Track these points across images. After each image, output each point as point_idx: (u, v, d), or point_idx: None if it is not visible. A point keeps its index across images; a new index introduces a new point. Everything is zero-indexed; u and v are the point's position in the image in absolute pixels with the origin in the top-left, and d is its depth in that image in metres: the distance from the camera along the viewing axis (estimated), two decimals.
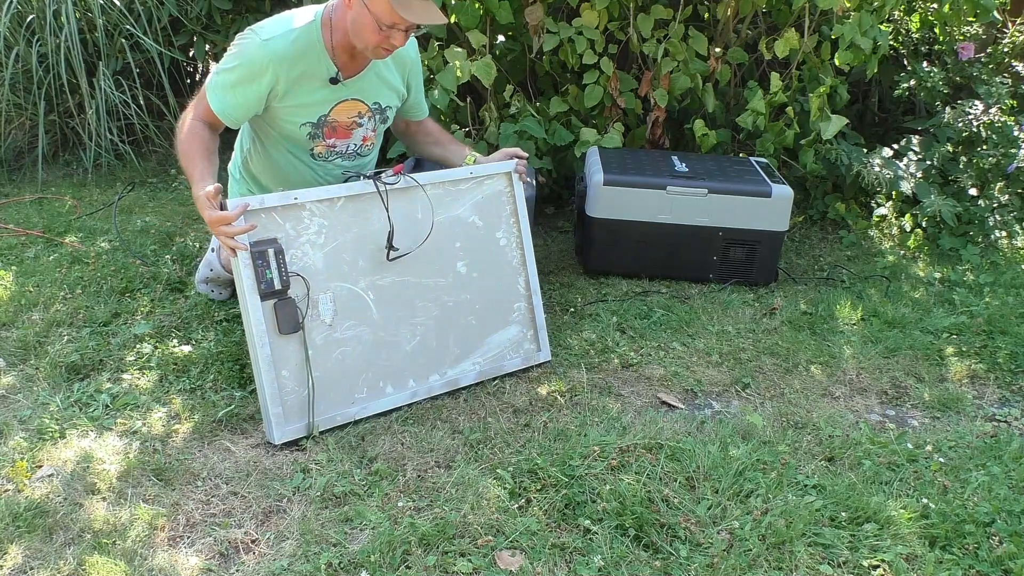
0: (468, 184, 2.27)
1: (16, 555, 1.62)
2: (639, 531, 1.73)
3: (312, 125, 2.24)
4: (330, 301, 2.05)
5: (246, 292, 1.93)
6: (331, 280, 2.06)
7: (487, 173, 2.31)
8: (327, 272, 2.05)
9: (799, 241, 3.44)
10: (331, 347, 2.06)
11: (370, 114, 2.31)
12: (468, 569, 1.63)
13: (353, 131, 2.31)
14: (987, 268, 3.12)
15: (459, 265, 2.26)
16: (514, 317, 2.37)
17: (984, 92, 3.51)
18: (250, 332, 1.95)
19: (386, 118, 2.38)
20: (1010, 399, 2.33)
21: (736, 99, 3.61)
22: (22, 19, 3.75)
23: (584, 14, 3.14)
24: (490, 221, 2.32)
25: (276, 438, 1.97)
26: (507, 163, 2.34)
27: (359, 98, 2.27)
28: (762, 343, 2.55)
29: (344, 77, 2.20)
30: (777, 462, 1.96)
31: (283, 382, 1.99)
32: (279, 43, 2.10)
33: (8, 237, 3.07)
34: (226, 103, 2.14)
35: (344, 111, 2.26)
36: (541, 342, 2.40)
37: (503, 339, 2.34)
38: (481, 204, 2.30)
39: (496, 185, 2.32)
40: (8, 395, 2.14)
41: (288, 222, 2.00)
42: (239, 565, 1.64)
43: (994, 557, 1.69)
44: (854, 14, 3.11)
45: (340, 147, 2.32)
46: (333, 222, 2.06)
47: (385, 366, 2.15)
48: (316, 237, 2.03)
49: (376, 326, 2.13)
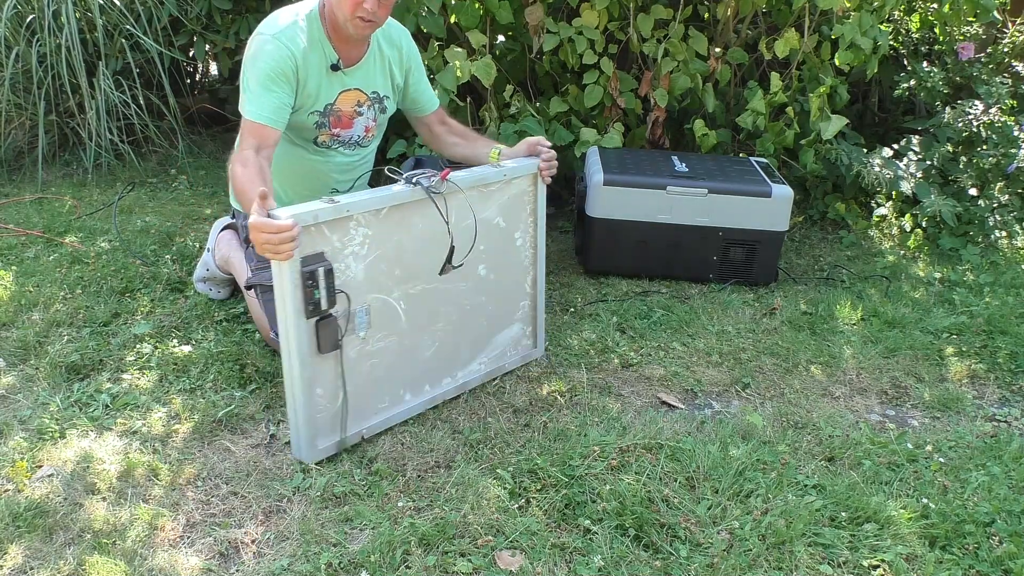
0: (498, 185, 2.18)
1: (16, 555, 1.62)
2: (639, 531, 1.73)
3: (319, 114, 2.26)
4: (365, 314, 1.95)
5: (290, 314, 1.80)
6: (369, 292, 1.95)
7: (516, 175, 2.21)
8: (367, 284, 1.94)
9: (799, 241, 3.44)
10: (363, 360, 1.98)
11: (369, 103, 2.35)
12: (468, 569, 1.63)
13: (355, 120, 2.35)
14: (987, 268, 3.12)
15: (480, 268, 2.20)
16: (518, 315, 2.35)
17: (984, 92, 3.51)
18: (288, 352, 1.84)
19: (384, 108, 2.40)
20: (1010, 399, 2.33)
21: (736, 99, 3.61)
22: (22, 19, 3.75)
23: (584, 14, 3.14)
24: (512, 222, 2.25)
25: (309, 458, 1.91)
26: (532, 162, 2.25)
27: (359, 87, 2.31)
28: (762, 343, 2.55)
29: (344, 66, 2.24)
30: (777, 462, 1.96)
31: (316, 400, 1.90)
32: (288, 33, 2.13)
33: (8, 237, 3.07)
34: (265, 107, 2.09)
35: (347, 100, 2.30)
36: (538, 339, 2.40)
37: (507, 338, 2.33)
38: (506, 205, 2.22)
39: (521, 185, 2.24)
40: (8, 395, 2.14)
41: (335, 234, 1.85)
42: (239, 565, 1.64)
43: (994, 557, 1.69)
44: (854, 14, 3.11)
45: (344, 136, 2.35)
46: (377, 231, 1.93)
47: (407, 374, 2.09)
48: (359, 248, 1.91)
49: (403, 335, 2.06)
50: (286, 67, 2.12)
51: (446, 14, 3.24)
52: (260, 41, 2.13)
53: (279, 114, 2.12)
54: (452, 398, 2.21)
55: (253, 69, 2.12)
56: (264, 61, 2.11)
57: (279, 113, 2.12)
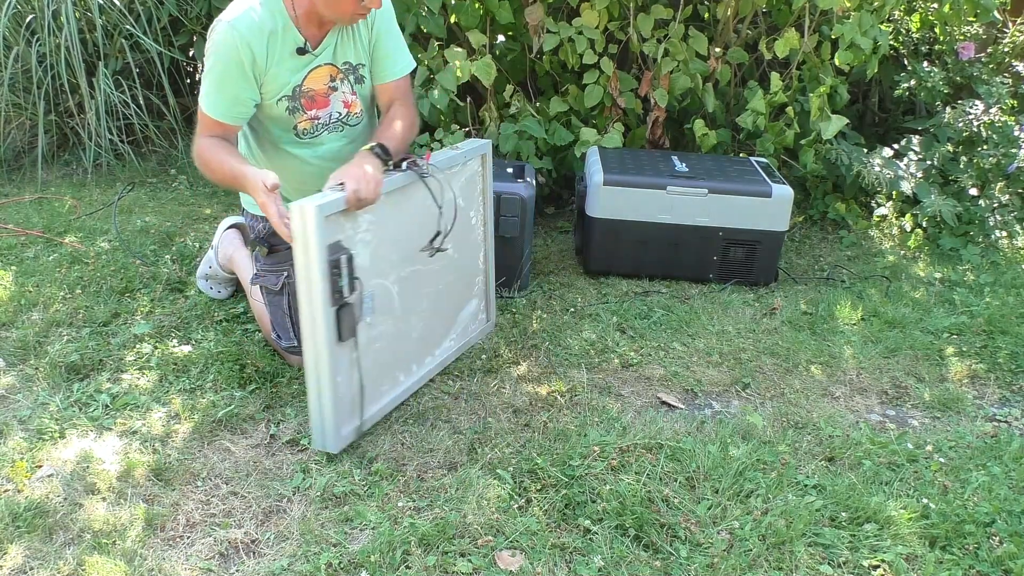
0: (458, 167, 2.27)
1: (16, 555, 1.62)
2: (639, 531, 1.73)
3: (288, 99, 2.14)
4: (370, 299, 1.99)
5: (318, 304, 1.82)
6: (373, 277, 1.99)
7: (470, 156, 2.30)
8: (373, 269, 1.98)
9: (799, 241, 3.44)
10: (370, 345, 2.02)
11: (341, 76, 2.20)
12: (468, 569, 1.63)
13: (330, 97, 2.21)
14: (987, 268, 3.12)
15: (449, 248, 2.27)
16: (475, 291, 2.45)
17: (984, 92, 3.51)
18: (315, 343, 1.85)
19: (360, 77, 2.24)
20: (1010, 399, 2.33)
21: (736, 99, 3.61)
22: (22, 19, 3.75)
23: (584, 14, 3.14)
24: (468, 201, 2.34)
25: (334, 447, 1.93)
26: (483, 143, 2.35)
27: (329, 61, 2.16)
28: (762, 343, 2.55)
29: (312, 47, 2.11)
30: (777, 462, 1.96)
31: (338, 388, 1.92)
32: (245, 20, 2.01)
33: (8, 237, 3.07)
34: (220, 104, 2.05)
35: (318, 79, 2.16)
36: (490, 312, 2.52)
37: (467, 313, 2.43)
38: (464, 186, 2.31)
39: (473, 165, 2.34)
40: (8, 395, 2.14)
41: (348, 221, 1.89)
42: (239, 565, 1.64)
43: (994, 557, 1.69)
44: (854, 14, 3.11)
45: (323, 117, 2.21)
46: (379, 216, 1.97)
47: (400, 356, 2.15)
48: (366, 234, 1.95)
49: (397, 318, 2.11)
50: (241, 59, 2.01)
51: (446, 14, 3.23)
52: (218, 32, 2.02)
53: (236, 109, 2.06)
54: (452, 398, 2.21)
55: (209, 60, 2.03)
56: (218, 54, 2.01)
57: (236, 108, 2.06)
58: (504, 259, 2.69)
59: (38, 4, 3.70)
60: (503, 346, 2.48)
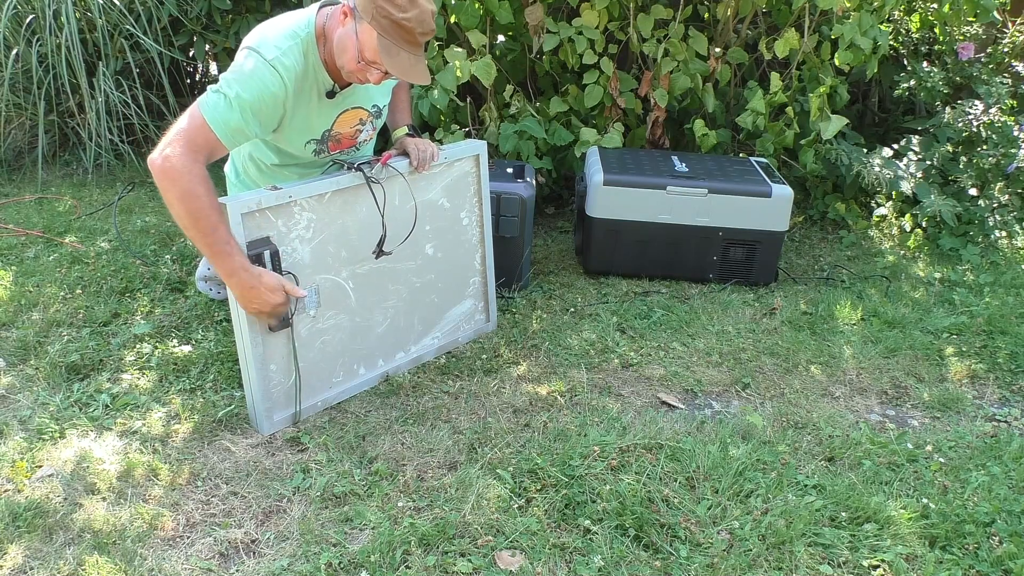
0: (440, 168, 2.30)
1: (16, 555, 1.62)
2: (639, 531, 1.73)
3: (316, 142, 2.14)
4: (315, 293, 2.08)
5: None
6: (317, 273, 2.08)
7: (457, 157, 2.33)
8: (314, 265, 2.06)
9: (799, 241, 3.44)
10: (314, 337, 2.11)
11: (371, 117, 2.24)
12: (468, 569, 1.63)
13: (356, 138, 2.24)
14: (987, 268, 3.12)
15: (428, 248, 2.33)
16: (469, 291, 2.48)
17: (984, 92, 3.51)
18: (241, 332, 1.97)
19: (380, 112, 2.28)
20: (1010, 399, 2.33)
21: (736, 99, 3.61)
22: (22, 19, 3.75)
23: (584, 14, 3.14)
24: (456, 202, 2.37)
25: (265, 430, 2.03)
26: (475, 145, 2.37)
27: (359, 105, 2.16)
28: (762, 343, 2.55)
29: (341, 89, 2.07)
30: (777, 462, 1.96)
31: (270, 376, 2.03)
32: (286, 61, 1.93)
33: (8, 237, 3.07)
34: (231, 124, 1.90)
35: (347, 122, 2.17)
36: (490, 313, 2.53)
37: (459, 313, 2.47)
38: (450, 186, 2.34)
39: (464, 167, 2.37)
40: (8, 395, 2.14)
41: (280, 219, 1.97)
42: (239, 565, 1.64)
43: (994, 557, 1.69)
44: (854, 14, 3.11)
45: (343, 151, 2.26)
46: (321, 215, 2.05)
47: (359, 349, 2.22)
48: (305, 232, 2.03)
49: (353, 313, 2.18)
50: (275, 101, 1.95)
51: (446, 14, 3.23)
52: (255, 64, 1.92)
53: (239, 138, 1.95)
54: (452, 398, 2.21)
55: (241, 85, 1.91)
56: (256, 89, 1.91)
57: (240, 137, 1.95)
58: (504, 259, 2.69)
59: (38, 4, 3.70)
60: (503, 346, 2.48)
